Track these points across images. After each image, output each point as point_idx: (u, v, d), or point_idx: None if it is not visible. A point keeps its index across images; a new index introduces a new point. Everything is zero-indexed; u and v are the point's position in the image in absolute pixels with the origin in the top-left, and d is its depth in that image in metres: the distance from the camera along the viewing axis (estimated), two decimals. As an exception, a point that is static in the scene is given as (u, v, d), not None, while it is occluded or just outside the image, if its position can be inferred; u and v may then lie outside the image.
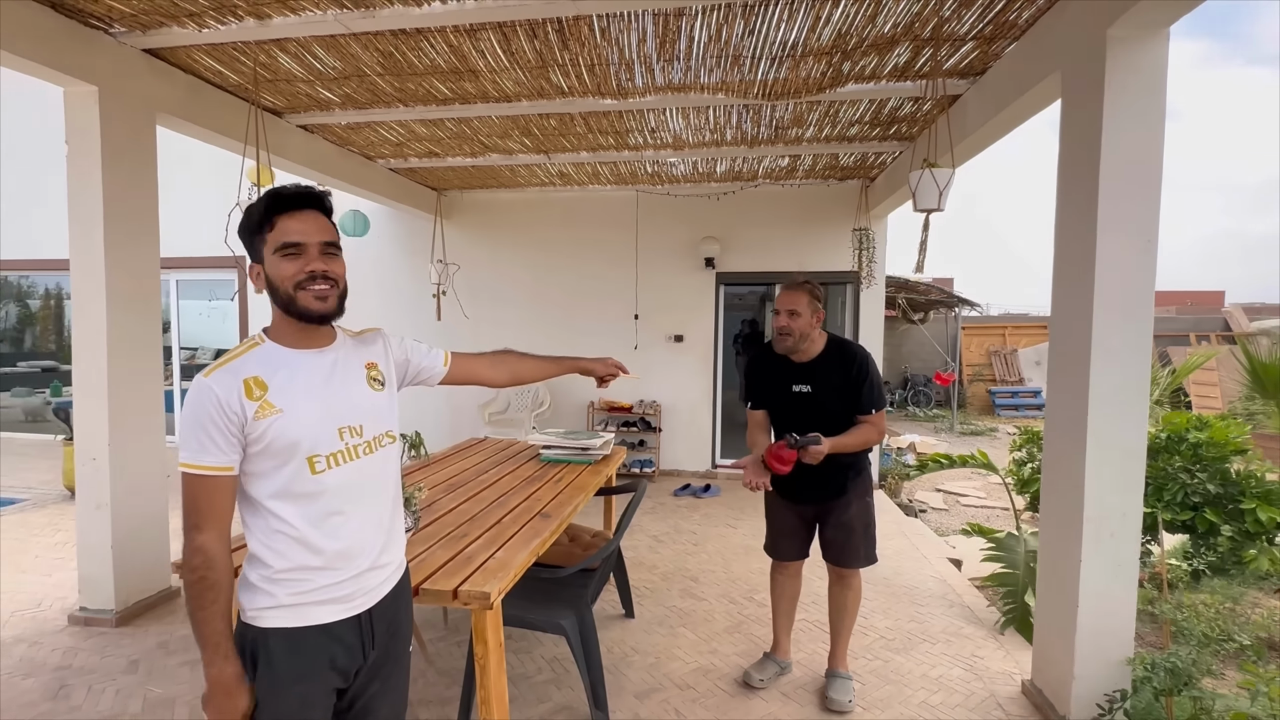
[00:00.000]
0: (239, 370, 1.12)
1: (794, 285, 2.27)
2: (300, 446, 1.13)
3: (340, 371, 1.22)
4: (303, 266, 1.13)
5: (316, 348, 1.21)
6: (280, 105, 3.75)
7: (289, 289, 1.13)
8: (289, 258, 1.13)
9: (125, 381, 2.98)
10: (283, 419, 1.11)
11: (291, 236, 1.13)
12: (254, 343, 1.17)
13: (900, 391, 12.28)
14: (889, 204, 5.01)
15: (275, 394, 1.12)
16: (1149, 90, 2.04)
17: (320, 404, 1.17)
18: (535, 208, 6.09)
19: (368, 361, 1.29)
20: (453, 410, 6.35)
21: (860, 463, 2.36)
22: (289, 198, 1.14)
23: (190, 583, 1.09)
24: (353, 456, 1.19)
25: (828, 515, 2.37)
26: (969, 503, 6.03)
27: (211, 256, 6.47)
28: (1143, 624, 2.95)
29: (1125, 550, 2.15)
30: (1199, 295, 19.36)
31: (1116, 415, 2.12)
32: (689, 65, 3.14)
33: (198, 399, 1.09)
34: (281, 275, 1.13)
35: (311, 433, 1.14)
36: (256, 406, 1.10)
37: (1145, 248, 2.08)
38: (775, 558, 2.53)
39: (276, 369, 1.14)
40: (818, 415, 2.22)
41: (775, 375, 2.33)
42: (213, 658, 1.09)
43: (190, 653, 2.68)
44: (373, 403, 1.26)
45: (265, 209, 1.14)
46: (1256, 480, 3.45)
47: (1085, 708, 2.16)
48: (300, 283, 1.13)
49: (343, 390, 1.21)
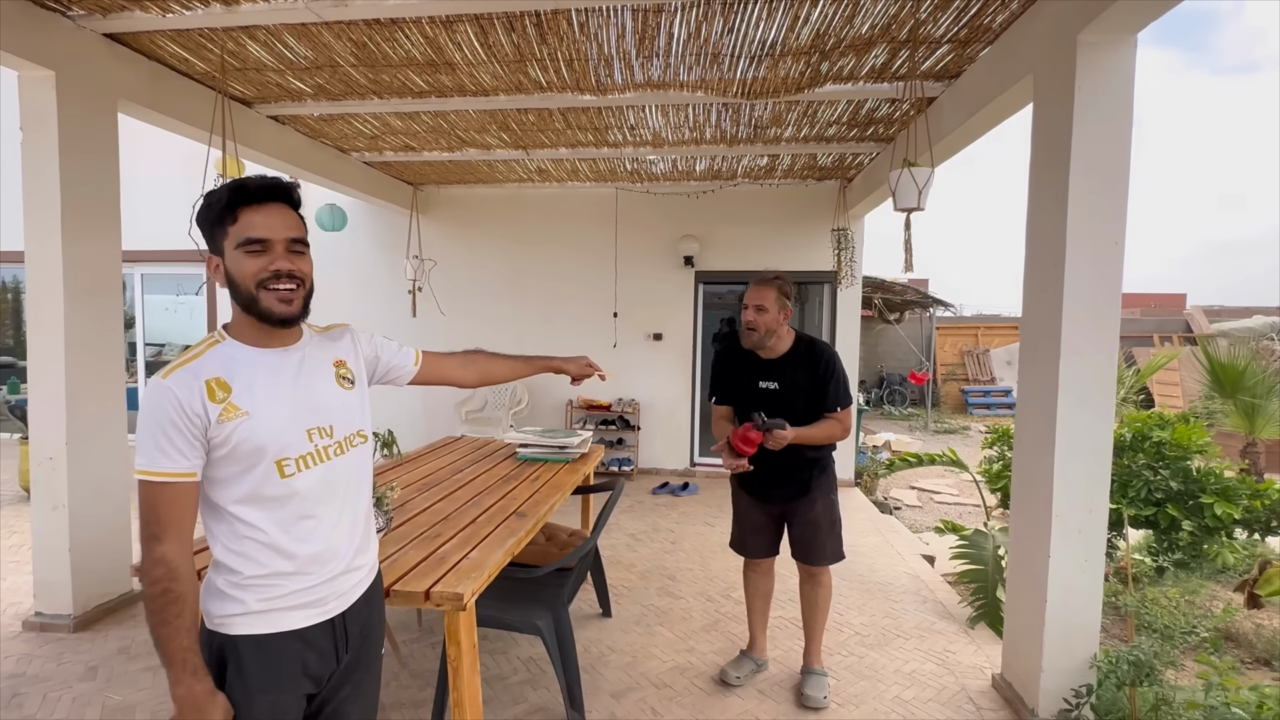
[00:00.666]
0: (199, 370, 1.05)
1: (763, 281, 2.26)
2: (268, 450, 1.08)
3: (308, 371, 1.16)
4: (266, 264, 1.06)
5: (282, 346, 1.15)
6: (249, 95, 3.65)
7: (250, 287, 1.07)
8: (252, 254, 1.06)
9: (84, 378, 2.87)
10: (249, 422, 1.06)
11: (255, 232, 1.06)
12: (214, 340, 1.11)
13: (876, 390, 12.45)
14: (866, 204, 5.06)
15: (240, 396, 1.06)
16: (1118, 95, 2.08)
17: (288, 405, 1.11)
18: (513, 204, 6.04)
19: (336, 359, 1.23)
20: (428, 409, 6.27)
21: (824, 460, 2.36)
22: (254, 190, 1.07)
23: (152, 596, 1.02)
24: (323, 458, 1.14)
25: (794, 513, 2.38)
26: (942, 500, 6.13)
27: (178, 250, 6.29)
28: (1107, 617, 3.03)
29: (1092, 545, 2.20)
30: (1162, 298, 19.96)
31: (1085, 413, 2.16)
32: (668, 62, 3.13)
33: (156, 401, 1.03)
34: (243, 272, 1.07)
35: (279, 436, 1.09)
36: (220, 409, 1.04)
37: (1112, 249, 2.12)
38: (743, 555, 2.53)
39: (239, 369, 1.08)
40: (783, 413, 2.20)
41: (742, 371, 2.33)
42: (180, 675, 1.02)
43: (152, 658, 2.59)
44: (342, 402, 1.21)
45: (228, 200, 1.07)
46: (1216, 477, 3.56)
47: (1053, 700, 2.20)
48: (263, 281, 1.06)
49: (311, 390, 1.16)
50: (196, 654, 1.04)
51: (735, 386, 2.36)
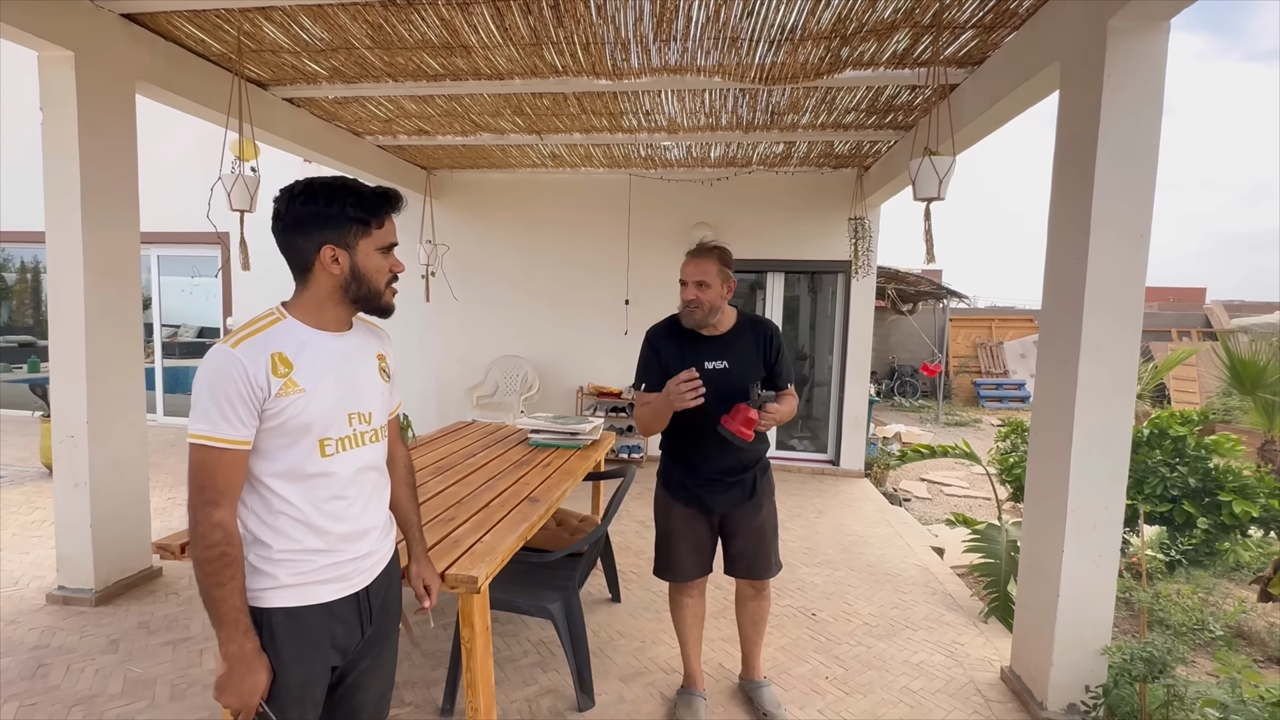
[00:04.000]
0: (266, 344, 1.10)
1: (702, 252, 1.99)
2: (313, 428, 1.13)
3: (356, 358, 1.23)
4: (390, 266, 1.22)
5: (338, 331, 1.21)
6: (265, 77, 3.65)
7: (380, 285, 1.20)
8: (386, 255, 1.21)
9: (104, 358, 2.91)
10: (303, 399, 1.11)
11: (392, 238, 1.22)
12: (275, 317, 1.15)
13: (887, 382, 12.37)
14: (883, 193, 4.99)
15: (300, 373, 1.11)
16: (1148, 83, 2.03)
17: (337, 388, 1.17)
18: (526, 189, 6.01)
19: (379, 352, 1.31)
20: (439, 393, 6.31)
21: (765, 459, 2.16)
22: (395, 201, 1.21)
23: (208, 559, 1.05)
24: (360, 443, 1.20)
25: (738, 524, 2.11)
26: (952, 492, 6.11)
27: (195, 232, 6.34)
28: (1119, 612, 3.01)
29: (1107, 541, 2.18)
30: (1181, 291, 19.65)
31: (1103, 411, 2.14)
32: (686, 46, 3.09)
33: (223, 368, 1.06)
34: (378, 270, 1.19)
35: (326, 415, 1.14)
36: (281, 384, 1.09)
37: (1138, 242, 2.08)
38: (676, 579, 2.16)
39: (301, 347, 1.14)
40: (738, 394, 1.90)
41: (684, 352, 2.01)
42: (231, 634, 1.06)
43: (172, 632, 2.66)
44: (381, 392, 1.28)
45: (377, 205, 1.18)
46: (1234, 475, 3.52)
47: (1062, 694, 2.20)
48: (389, 281, 1.22)
49: (356, 376, 1.22)
50: (247, 614, 1.08)
51: (676, 369, 1.92)
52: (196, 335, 7.24)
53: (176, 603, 2.93)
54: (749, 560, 2.14)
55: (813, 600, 3.15)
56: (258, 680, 1.07)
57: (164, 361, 7.07)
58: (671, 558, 2.15)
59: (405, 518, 1.43)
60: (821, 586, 3.31)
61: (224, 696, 1.06)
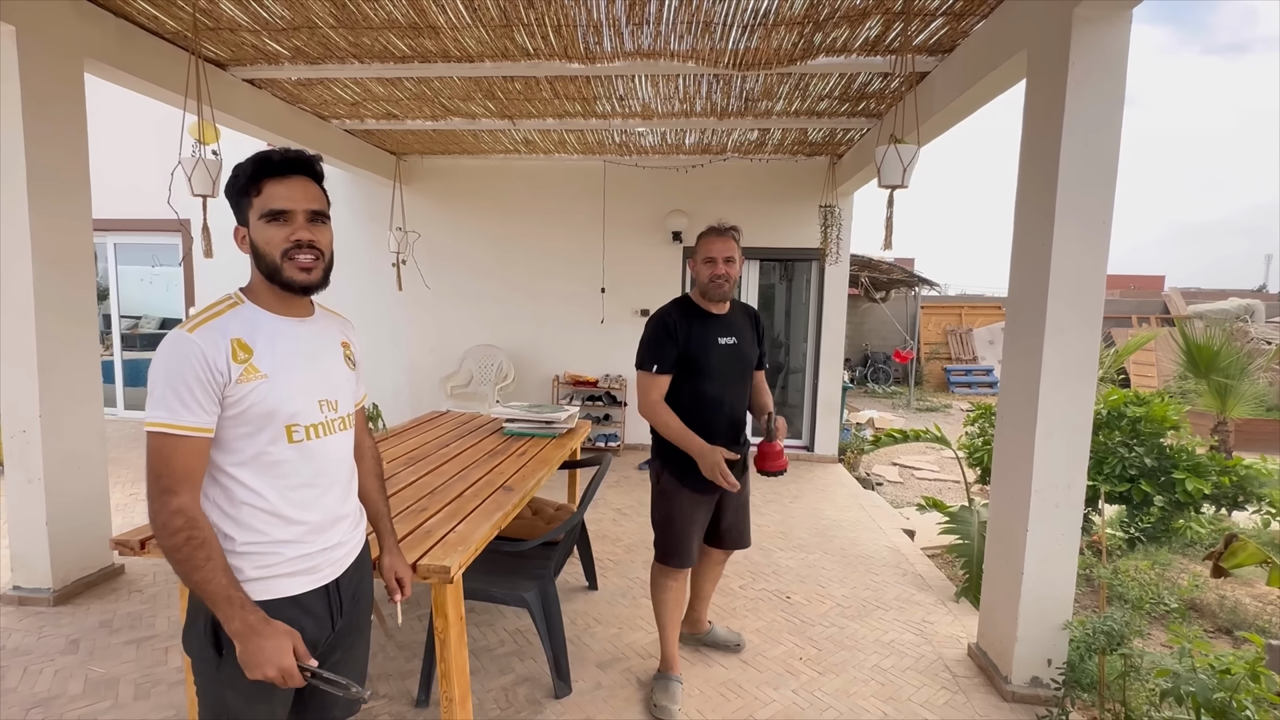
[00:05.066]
0: (224, 329, 1.07)
1: (725, 231, 2.10)
2: (279, 415, 1.10)
3: (321, 344, 1.21)
4: (288, 235, 1.10)
5: (298, 316, 1.18)
6: (224, 56, 3.51)
7: (275, 257, 1.10)
8: (275, 225, 1.10)
9: (56, 350, 2.79)
10: (266, 385, 1.08)
11: (278, 203, 1.09)
12: (234, 302, 1.13)
13: (860, 369, 12.56)
14: (855, 181, 5.03)
15: (260, 359, 1.08)
16: (1111, 72, 2.07)
17: (302, 373, 1.14)
18: (499, 175, 5.93)
19: (344, 339, 1.28)
20: (412, 383, 6.22)
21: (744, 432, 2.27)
22: (278, 161, 1.10)
23: (176, 547, 1.01)
24: (329, 430, 1.18)
25: (732, 499, 2.20)
26: (923, 476, 6.25)
27: (154, 219, 6.12)
28: (1080, 588, 3.12)
29: (1069, 520, 2.25)
30: (1141, 279, 20.25)
31: (1066, 392, 2.19)
32: (659, 30, 3.05)
33: (181, 353, 1.03)
34: (267, 242, 1.10)
35: (292, 401, 1.12)
36: (242, 369, 1.06)
37: (1100, 229, 2.13)
38: (684, 565, 2.18)
39: (260, 333, 1.11)
40: (743, 370, 2.14)
41: (702, 328, 2.09)
42: (229, 612, 1.02)
43: (136, 630, 2.58)
44: (346, 379, 1.26)
45: (252, 171, 1.10)
46: (1188, 454, 3.65)
47: (1026, 669, 2.27)
48: (286, 251, 1.10)
49: (322, 363, 1.19)
50: (238, 588, 1.05)
51: (697, 347, 2.06)
52: (158, 327, 7.00)
53: (140, 600, 2.85)
54: (738, 532, 2.31)
55: (787, 584, 3.20)
56: (279, 644, 1.04)
57: (124, 354, 6.83)
58: (681, 543, 2.18)
59: (374, 509, 1.40)
60: (796, 570, 3.36)
61: (255, 672, 1.03)
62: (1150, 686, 2.09)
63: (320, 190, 1.16)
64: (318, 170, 1.16)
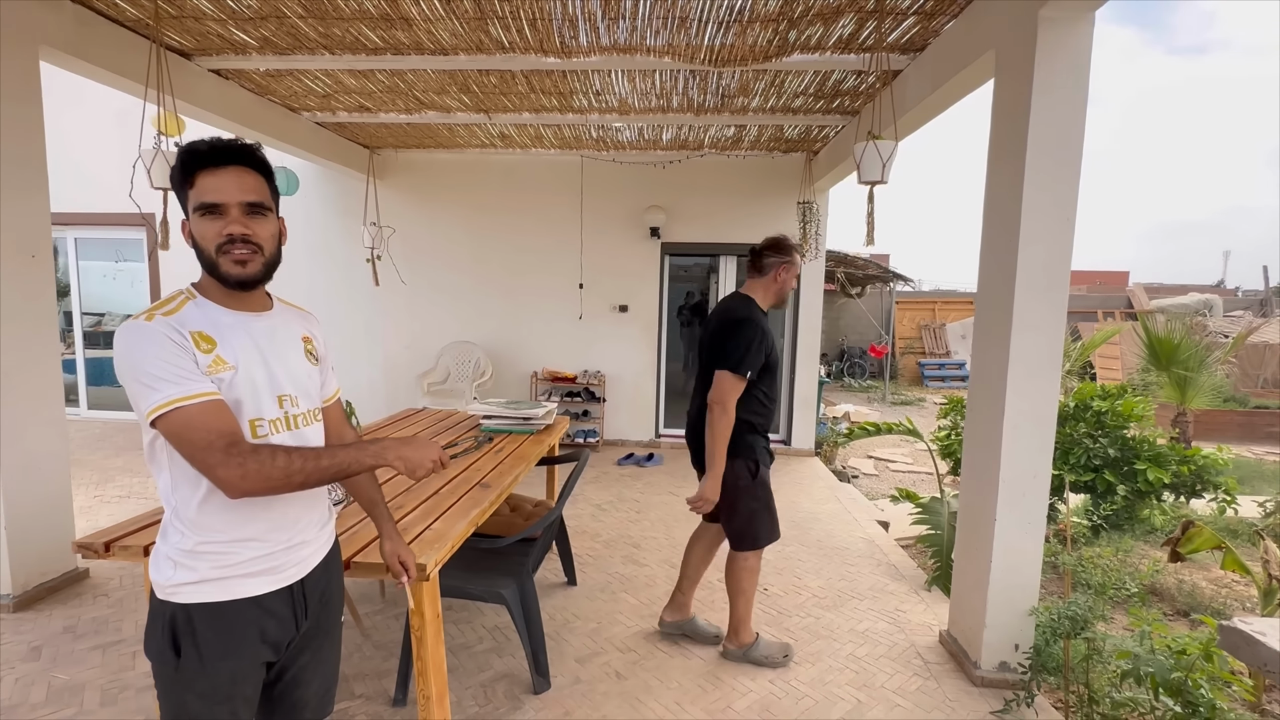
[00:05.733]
0: (182, 322, 1.04)
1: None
2: (244, 408, 1.07)
3: (279, 339, 1.17)
4: (221, 229, 1.05)
5: (254, 311, 1.15)
6: (188, 46, 3.42)
7: (210, 252, 1.06)
8: (208, 218, 1.05)
9: (14, 348, 2.70)
10: (234, 376, 1.05)
11: (209, 196, 1.05)
12: (186, 296, 1.09)
13: (836, 364, 12.72)
14: (831, 177, 5.09)
15: (225, 349, 1.06)
16: (1075, 72, 2.12)
17: (263, 369, 1.11)
18: (475, 170, 5.87)
19: (304, 334, 1.24)
20: (388, 380, 6.14)
21: None
22: (206, 152, 1.05)
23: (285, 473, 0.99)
24: (290, 426, 1.15)
25: None
26: (897, 468, 6.36)
27: (117, 213, 5.93)
28: (1046, 575, 3.21)
29: (1035, 508, 2.31)
30: (1106, 275, 20.83)
31: (1033, 384, 2.25)
32: (635, 25, 3.05)
33: (151, 337, 1.00)
34: (202, 236, 1.06)
35: (255, 397, 1.09)
36: (210, 359, 1.03)
37: (1064, 226, 2.19)
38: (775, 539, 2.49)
39: (218, 326, 1.08)
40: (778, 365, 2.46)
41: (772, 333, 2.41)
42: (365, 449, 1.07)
43: (101, 635, 2.52)
44: (308, 375, 1.22)
45: (183, 164, 1.05)
46: (1149, 444, 3.77)
47: (995, 654, 2.34)
48: (220, 246, 1.06)
49: (282, 358, 1.16)
50: (360, 442, 1.09)
51: (773, 348, 2.36)
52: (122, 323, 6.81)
53: (106, 605, 2.78)
54: None
55: (765, 576, 3.23)
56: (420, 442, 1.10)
57: (86, 352, 6.62)
58: (775, 519, 2.50)
59: (368, 497, 1.40)
60: (773, 562, 3.40)
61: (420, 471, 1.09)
62: (1112, 668, 2.17)
63: (260, 180, 1.09)
64: (257, 159, 1.10)
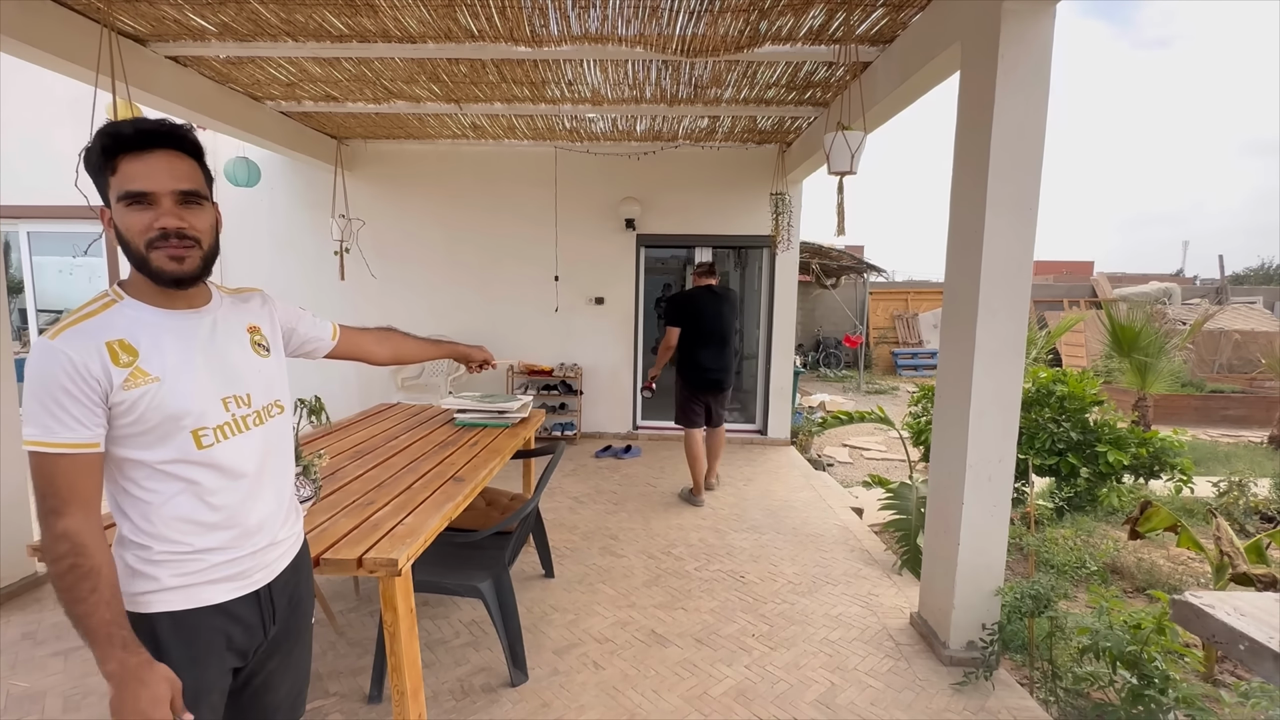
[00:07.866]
0: (96, 332, 0.96)
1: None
2: (183, 420, 1.00)
3: (221, 336, 1.09)
4: (151, 221, 0.96)
5: (189, 308, 1.06)
6: (143, 31, 3.30)
7: (139, 246, 0.97)
8: (136, 209, 0.96)
9: (-38, 345, 2.60)
10: (159, 389, 0.98)
11: (136, 184, 0.95)
12: (109, 300, 1.01)
13: (812, 354, 12.87)
14: (804, 169, 5.12)
15: (147, 360, 0.98)
16: (1037, 64, 2.16)
17: (202, 372, 1.04)
18: (447, 161, 5.78)
19: (249, 324, 1.16)
20: (360, 377, 6.04)
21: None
22: (130, 135, 0.95)
23: (59, 574, 0.92)
24: (242, 428, 1.08)
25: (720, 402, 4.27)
26: (872, 456, 6.47)
27: (73, 205, 5.70)
28: (1011, 556, 3.31)
29: (1000, 492, 2.37)
30: (1072, 265, 21.35)
31: (998, 370, 2.31)
32: (606, 14, 3.02)
33: (45, 364, 0.93)
34: (128, 229, 0.97)
35: (194, 404, 1.02)
36: (126, 374, 0.96)
37: (1027, 216, 2.24)
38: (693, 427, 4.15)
39: (144, 331, 1.00)
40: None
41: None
42: (107, 651, 0.92)
43: (62, 641, 2.45)
44: (259, 369, 1.14)
45: (103, 147, 0.95)
46: (1110, 428, 3.89)
47: (963, 634, 2.40)
48: (152, 241, 0.97)
49: (225, 356, 1.08)
50: (123, 626, 0.95)
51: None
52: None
53: (67, 609, 2.70)
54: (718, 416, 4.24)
55: (741, 564, 3.27)
56: (156, 693, 0.93)
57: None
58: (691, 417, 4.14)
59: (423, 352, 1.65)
60: (750, 550, 3.44)
61: (127, 714, 0.92)
62: (1074, 644, 2.25)
63: (193, 165, 1.00)
64: (189, 141, 1.00)
